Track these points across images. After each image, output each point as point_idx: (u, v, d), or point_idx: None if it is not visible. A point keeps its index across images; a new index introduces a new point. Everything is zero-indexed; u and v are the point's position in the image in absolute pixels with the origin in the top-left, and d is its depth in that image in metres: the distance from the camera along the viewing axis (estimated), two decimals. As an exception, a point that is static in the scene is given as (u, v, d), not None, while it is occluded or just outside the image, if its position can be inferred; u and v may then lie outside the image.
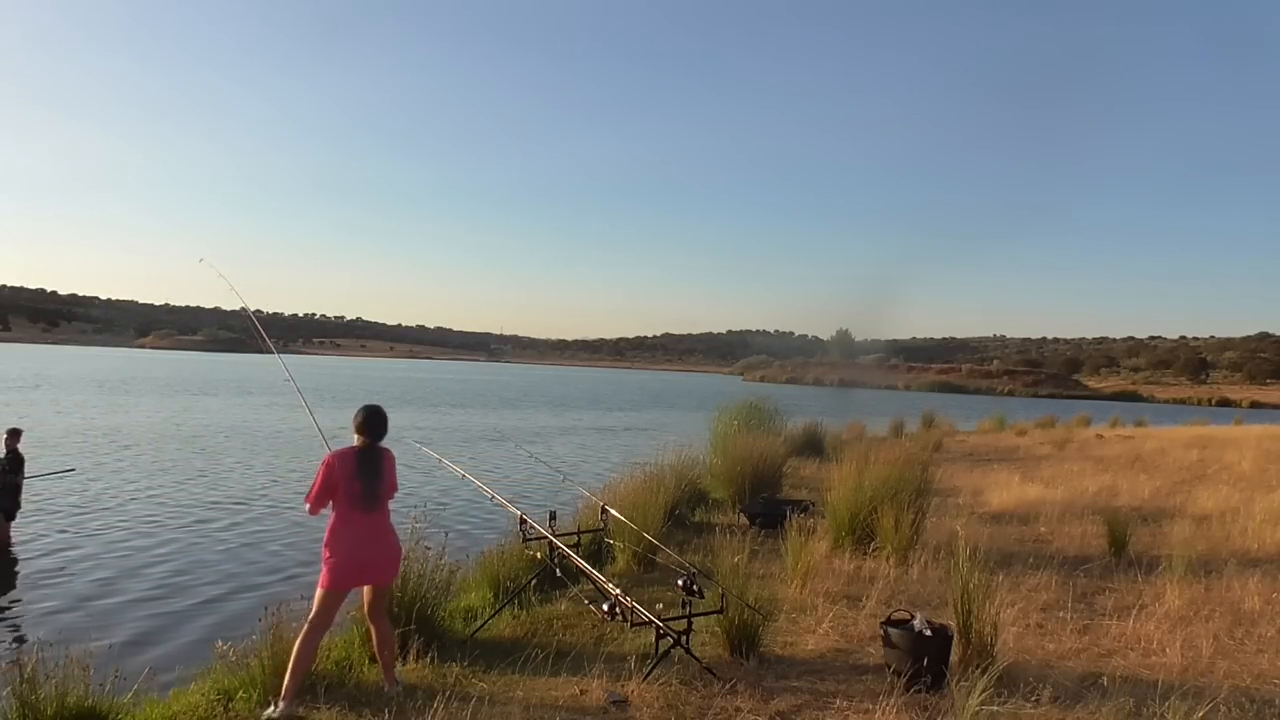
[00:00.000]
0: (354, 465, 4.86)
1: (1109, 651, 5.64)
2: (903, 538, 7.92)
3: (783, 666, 5.36)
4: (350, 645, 5.51)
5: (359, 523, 4.82)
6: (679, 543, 8.67)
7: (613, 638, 5.94)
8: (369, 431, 4.96)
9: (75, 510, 12.44)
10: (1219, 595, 6.98)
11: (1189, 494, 12.79)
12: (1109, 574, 7.83)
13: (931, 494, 10.28)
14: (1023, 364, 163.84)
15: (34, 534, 10.81)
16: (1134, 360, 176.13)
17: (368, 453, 4.94)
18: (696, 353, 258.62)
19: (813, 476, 14.85)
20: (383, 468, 4.98)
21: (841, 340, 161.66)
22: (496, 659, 5.48)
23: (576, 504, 10.18)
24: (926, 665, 4.80)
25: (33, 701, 4.35)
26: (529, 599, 6.84)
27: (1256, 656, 5.60)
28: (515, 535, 6.56)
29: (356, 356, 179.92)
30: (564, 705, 4.72)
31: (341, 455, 4.85)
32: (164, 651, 6.97)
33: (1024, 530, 10.06)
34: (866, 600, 6.63)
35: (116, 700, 4.69)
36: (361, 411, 5.03)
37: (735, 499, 11.56)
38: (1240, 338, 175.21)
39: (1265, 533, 9.28)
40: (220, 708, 4.75)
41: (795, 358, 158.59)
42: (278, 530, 11.93)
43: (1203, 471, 16.27)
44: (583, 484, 10.73)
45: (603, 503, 7.35)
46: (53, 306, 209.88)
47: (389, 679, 5.00)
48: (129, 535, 11.17)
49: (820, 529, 8.86)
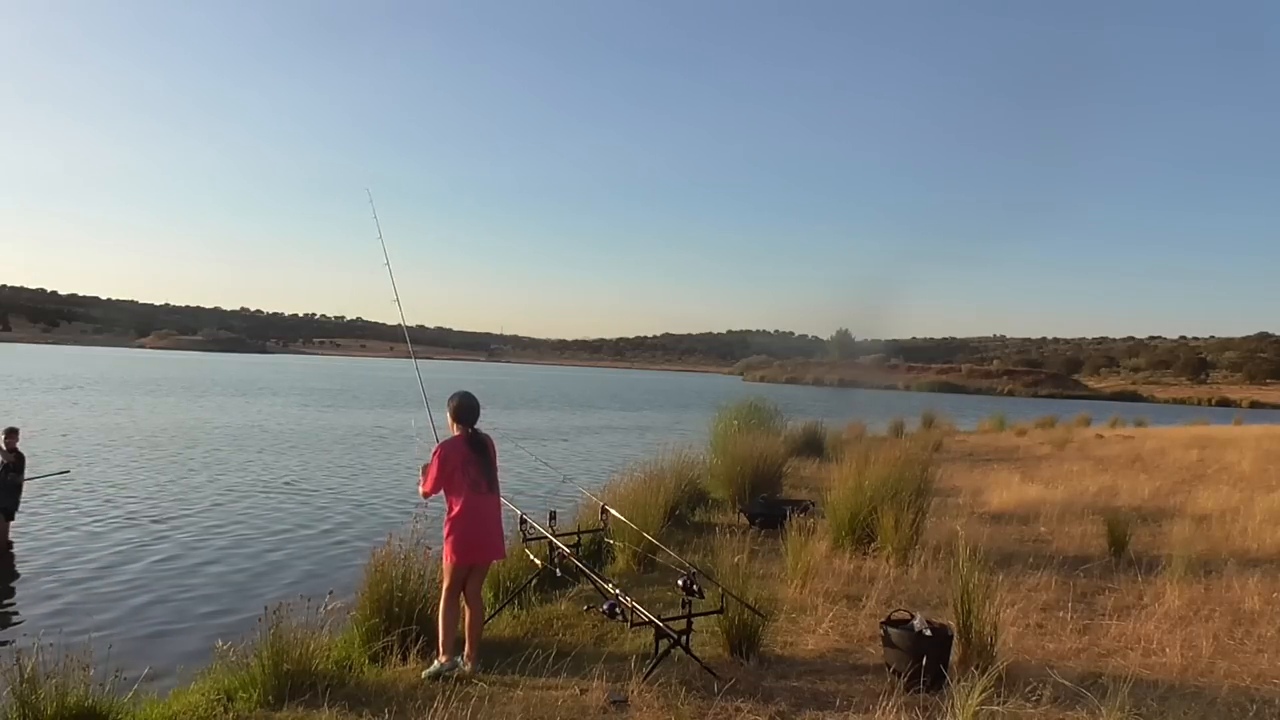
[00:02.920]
0: (467, 452, 5.24)
1: (1109, 651, 5.64)
2: (903, 538, 7.92)
3: (783, 666, 5.36)
4: (350, 645, 5.51)
5: (479, 504, 5.23)
6: (679, 543, 8.66)
7: (613, 638, 5.94)
8: (465, 417, 5.34)
9: (75, 510, 12.44)
10: (1219, 595, 6.99)
11: (1189, 494, 12.79)
12: (1109, 574, 7.83)
13: (931, 494, 10.27)
14: (1023, 364, 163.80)
15: (34, 534, 10.81)
16: (1134, 360, 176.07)
17: (475, 439, 5.32)
18: (696, 353, 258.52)
19: (813, 476, 14.85)
20: (491, 452, 5.38)
21: (841, 340, 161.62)
22: (496, 659, 5.48)
23: (576, 504, 10.19)
24: (926, 665, 4.80)
25: (33, 701, 4.35)
26: (529, 599, 6.84)
27: (1256, 656, 5.60)
28: (515, 535, 6.56)
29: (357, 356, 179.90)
30: (564, 705, 4.72)
31: (452, 444, 5.28)
32: (164, 651, 6.98)
33: (1024, 530, 10.06)
34: (866, 600, 6.62)
35: (116, 700, 4.68)
36: (454, 400, 5.40)
37: (735, 499, 11.56)
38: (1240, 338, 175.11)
39: (1265, 533, 9.28)
40: (220, 708, 4.75)
41: (795, 358, 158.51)
42: (280, 530, 11.93)
43: (1203, 471, 16.27)
44: (583, 484, 10.74)
45: (603, 503, 7.35)
46: (53, 306, 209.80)
47: (471, 657, 5.28)
48: (129, 535, 11.16)
49: (820, 529, 8.86)
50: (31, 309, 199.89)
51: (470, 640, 5.32)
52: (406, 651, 5.40)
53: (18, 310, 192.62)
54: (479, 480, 5.24)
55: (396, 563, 5.69)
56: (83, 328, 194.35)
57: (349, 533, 11.95)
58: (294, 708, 4.70)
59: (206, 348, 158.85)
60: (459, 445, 5.28)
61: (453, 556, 5.23)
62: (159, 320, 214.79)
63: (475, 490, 5.22)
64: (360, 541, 10.89)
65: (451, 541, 5.23)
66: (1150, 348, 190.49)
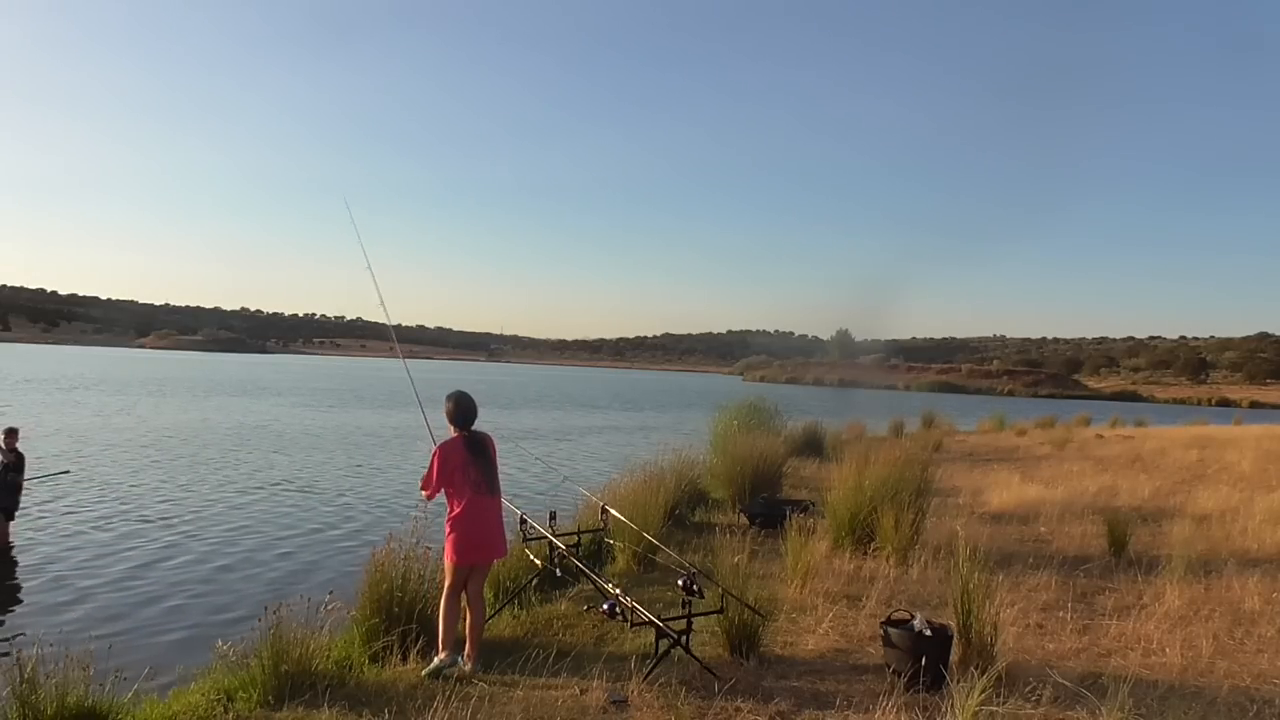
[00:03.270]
0: (465, 454, 5.22)
1: (1109, 651, 5.64)
2: (903, 538, 7.92)
3: (783, 666, 5.36)
4: (350, 645, 5.51)
5: (481, 505, 5.23)
6: (679, 543, 8.67)
7: (613, 638, 5.94)
8: (462, 419, 5.31)
9: (75, 510, 12.44)
10: (1219, 595, 6.98)
11: (1189, 494, 12.79)
12: (1109, 574, 7.83)
13: (931, 494, 10.28)
14: (1023, 364, 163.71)
15: (34, 534, 10.81)
16: (1134, 360, 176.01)
17: (473, 440, 5.29)
18: (696, 353, 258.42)
19: (813, 476, 14.85)
20: (491, 453, 5.35)
21: (841, 340, 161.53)
22: (496, 659, 5.48)
23: (576, 504, 10.19)
24: (926, 665, 4.80)
25: (33, 701, 4.35)
26: (529, 599, 6.84)
27: (1256, 656, 5.60)
28: (515, 535, 6.56)
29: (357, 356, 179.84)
30: (564, 705, 4.72)
31: (451, 445, 5.26)
32: (164, 651, 6.98)
33: (1024, 530, 10.06)
34: (866, 600, 6.63)
35: (116, 700, 4.68)
36: (450, 401, 5.35)
37: (735, 499, 11.56)
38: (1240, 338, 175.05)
39: (1265, 533, 9.28)
40: (220, 708, 4.75)
41: (795, 358, 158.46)
42: (280, 530, 11.93)
43: (1203, 471, 16.27)
44: (583, 484, 10.74)
45: (603, 503, 7.35)
46: (53, 306, 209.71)
47: (472, 657, 5.28)
48: (129, 535, 11.17)
49: (820, 529, 8.85)
50: (31, 309, 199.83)
51: (471, 640, 5.32)
52: (406, 651, 5.40)
53: (18, 310, 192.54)
54: (480, 481, 5.23)
55: (396, 563, 5.69)
56: (83, 328, 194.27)
57: (349, 532, 11.95)
58: (294, 708, 4.70)
59: (206, 348, 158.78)
60: (458, 447, 5.28)
61: (454, 556, 5.24)
62: (159, 320, 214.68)
63: (477, 492, 5.22)
64: (360, 541, 10.89)
65: (452, 541, 5.24)
66: (1150, 348, 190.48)
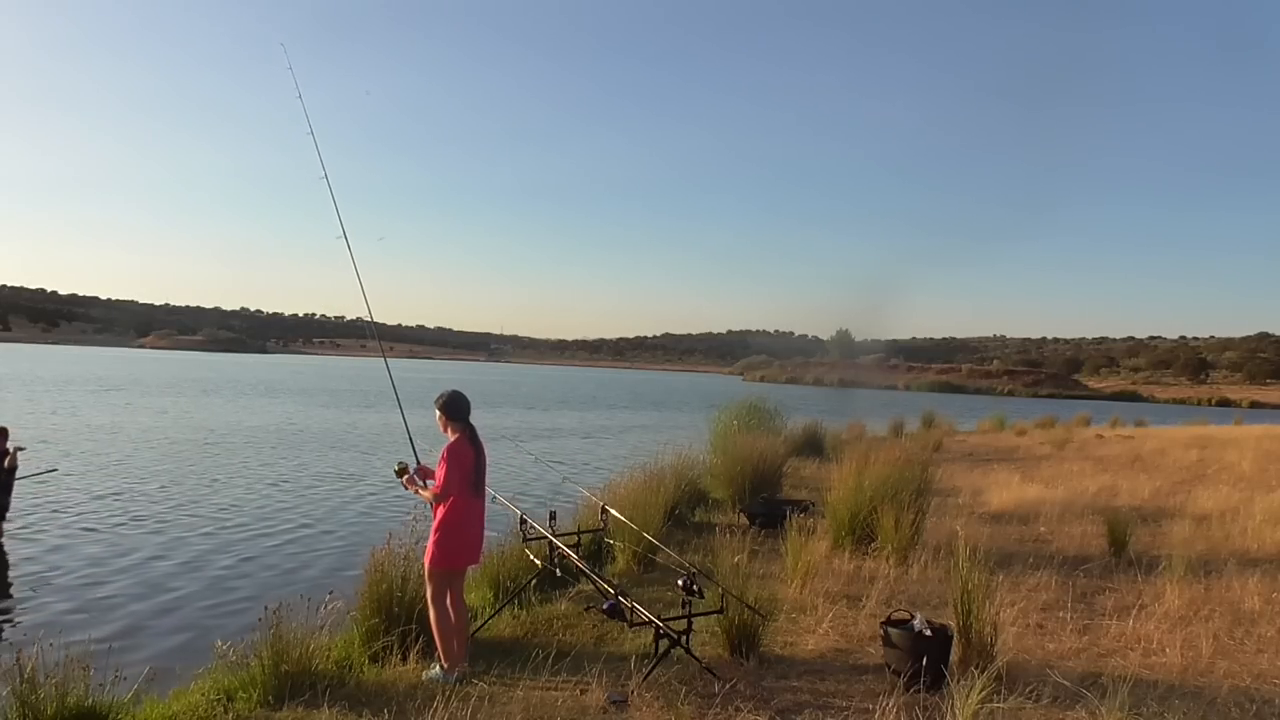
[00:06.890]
0: (473, 453, 5.15)
1: (1109, 651, 5.65)
2: (903, 538, 7.93)
3: (783, 666, 5.36)
4: (350, 645, 5.51)
5: (474, 508, 5.16)
6: (679, 543, 8.67)
7: (613, 638, 5.94)
8: (460, 414, 5.18)
9: (74, 510, 12.43)
10: (1219, 595, 6.99)
11: (1189, 494, 12.79)
12: (1109, 574, 7.84)
13: (931, 494, 10.28)
14: (1023, 364, 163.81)
15: (34, 533, 10.80)
16: (1134, 360, 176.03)
17: (475, 437, 5.22)
18: (696, 353, 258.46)
19: (813, 476, 14.85)
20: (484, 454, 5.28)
21: (841, 340, 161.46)
22: (496, 659, 5.48)
23: (576, 504, 10.19)
24: (926, 665, 4.80)
25: (33, 701, 4.35)
26: (529, 599, 6.84)
27: (1256, 656, 5.60)
28: (515, 535, 6.56)
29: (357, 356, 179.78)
30: (564, 705, 4.72)
31: (459, 444, 5.13)
32: (164, 651, 6.97)
33: (1024, 530, 10.06)
34: (866, 600, 6.63)
35: (116, 700, 4.68)
36: (444, 396, 5.23)
37: (735, 499, 11.56)
38: (1240, 338, 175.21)
39: (1265, 533, 9.28)
40: (220, 708, 4.75)
41: (795, 358, 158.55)
42: (279, 529, 11.92)
43: (1203, 471, 16.27)
44: (583, 484, 10.73)
45: (603, 502, 7.34)
46: (53, 306, 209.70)
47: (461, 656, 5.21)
48: (129, 534, 11.16)
49: (820, 529, 8.86)
50: (31, 309, 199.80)
51: (459, 642, 5.25)
52: (406, 651, 5.40)
53: (18, 310, 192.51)
54: (477, 482, 5.18)
55: (396, 563, 5.69)
56: (83, 328, 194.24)
57: (349, 533, 11.94)
58: (294, 708, 4.70)
59: (207, 348, 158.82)
60: (465, 445, 5.16)
61: (443, 561, 5.11)
62: (159, 320, 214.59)
63: (474, 493, 5.16)
64: (360, 542, 10.87)
65: (441, 545, 5.10)
66: (1150, 348, 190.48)
